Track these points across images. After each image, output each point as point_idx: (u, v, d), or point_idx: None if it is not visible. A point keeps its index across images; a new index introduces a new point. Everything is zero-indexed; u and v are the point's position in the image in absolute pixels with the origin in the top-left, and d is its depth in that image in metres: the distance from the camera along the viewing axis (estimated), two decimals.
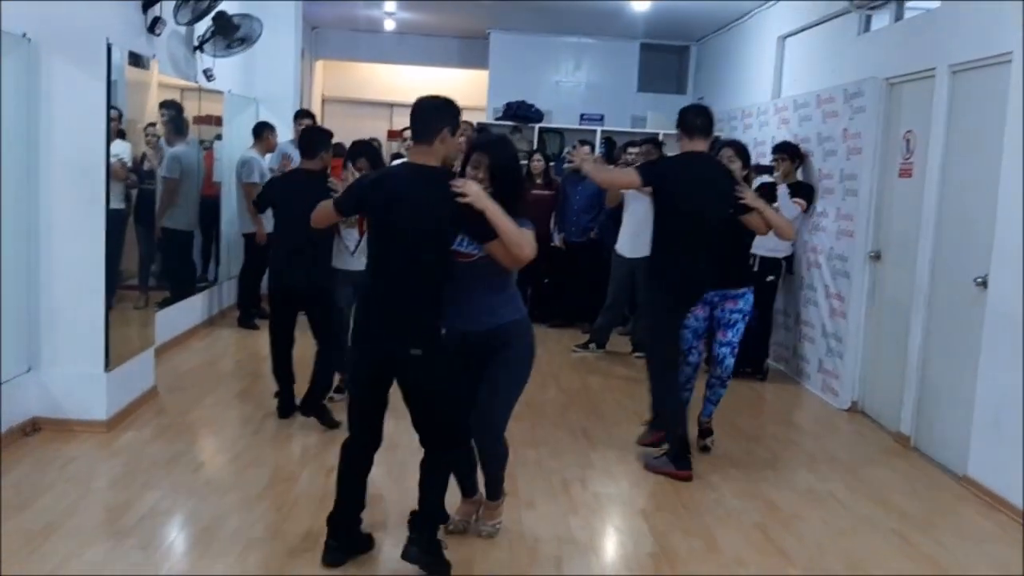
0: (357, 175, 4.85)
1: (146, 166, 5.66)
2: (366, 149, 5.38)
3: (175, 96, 6.87)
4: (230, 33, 7.26)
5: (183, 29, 6.71)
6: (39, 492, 4.10)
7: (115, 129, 5.05)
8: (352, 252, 5.43)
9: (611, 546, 4.03)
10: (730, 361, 5.05)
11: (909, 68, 5.85)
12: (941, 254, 5.39)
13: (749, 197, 4.73)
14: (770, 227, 4.79)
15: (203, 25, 6.97)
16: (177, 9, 6.06)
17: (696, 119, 4.75)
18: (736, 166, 5.03)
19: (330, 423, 5.31)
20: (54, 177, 4.84)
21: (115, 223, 5.08)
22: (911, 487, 4.90)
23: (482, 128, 9.20)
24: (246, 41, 7.44)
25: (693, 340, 5.02)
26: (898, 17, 6.34)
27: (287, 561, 3.62)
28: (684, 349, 4.97)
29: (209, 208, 8.03)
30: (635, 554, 3.88)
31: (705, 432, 5.25)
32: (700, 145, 4.77)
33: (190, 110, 7.34)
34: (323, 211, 3.70)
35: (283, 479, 4.48)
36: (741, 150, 5.22)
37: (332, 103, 13.17)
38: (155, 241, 5.97)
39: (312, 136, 5.42)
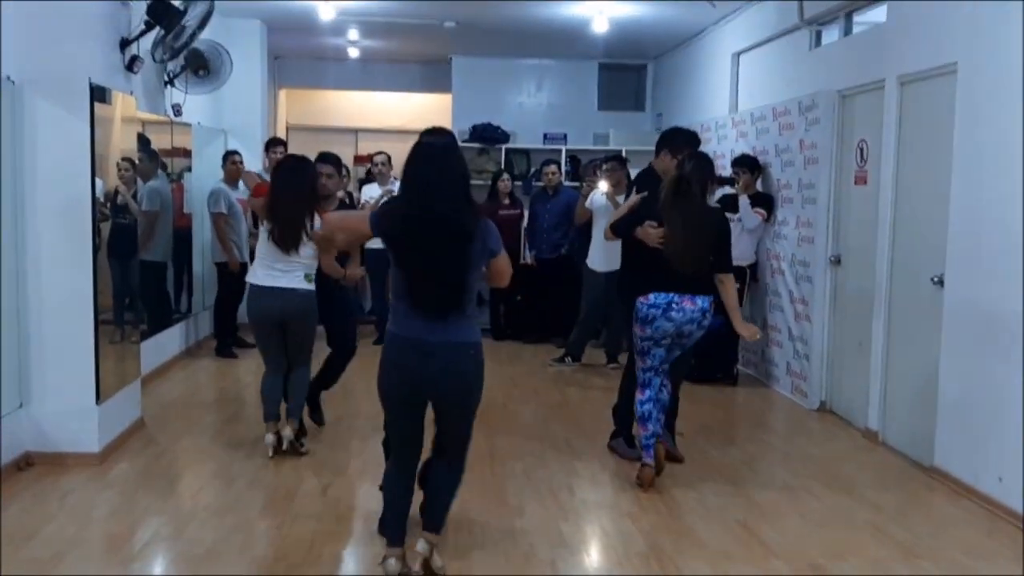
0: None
1: (119, 200, 5.74)
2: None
3: (144, 130, 6.96)
4: (200, 65, 7.39)
5: (155, 64, 6.82)
6: (42, 523, 4.17)
7: None
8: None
9: (602, 548, 4.20)
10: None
11: (860, 80, 6.14)
12: (898, 255, 5.65)
13: None
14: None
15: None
16: (155, 47, 6.18)
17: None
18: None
19: (318, 421, 5.65)
20: (41, 215, 4.93)
21: None
22: (882, 479, 5.13)
23: None
24: (215, 73, 7.57)
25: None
26: (847, 32, 6.64)
27: None
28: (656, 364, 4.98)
29: (181, 239, 8.12)
30: (626, 554, 4.05)
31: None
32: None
33: (160, 143, 7.43)
34: (354, 221, 3.80)
35: (280, 498, 4.59)
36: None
37: (297, 131, 13.26)
38: (136, 275, 6.03)
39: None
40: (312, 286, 5.19)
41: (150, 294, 7.20)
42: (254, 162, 8.78)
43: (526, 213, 9.12)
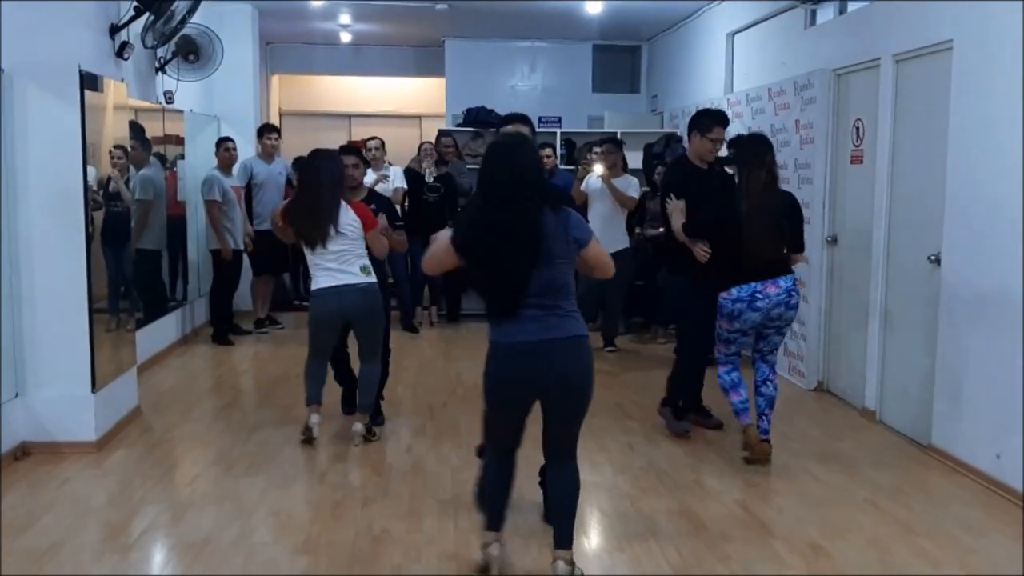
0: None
1: (111, 188, 5.71)
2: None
3: (135, 117, 6.91)
4: (191, 51, 7.34)
5: (145, 51, 6.77)
6: (39, 513, 4.17)
7: None
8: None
9: (601, 529, 4.20)
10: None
11: (855, 59, 6.11)
12: (894, 235, 5.64)
13: None
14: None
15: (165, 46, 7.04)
16: (145, 33, 6.13)
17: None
18: None
19: (379, 423, 5.54)
20: (33, 204, 4.91)
21: None
22: (879, 458, 5.13)
23: (446, 134, 9.34)
24: (207, 59, 7.52)
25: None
26: (842, 10, 6.60)
27: (291, 564, 3.73)
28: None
29: (175, 227, 8.08)
30: (625, 535, 4.06)
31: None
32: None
33: (153, 130, 7.39)
34: (442, 254, 3.43)
35: (277, 486, 4.59)
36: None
37: (290, 117, 13.22)
38: (130, 263, 6.01)
39: None
40: (372, 277, 5.10)
41: (145, 282, 7.17)
42: (247, 149, 8.73)
43: None
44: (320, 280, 5.04)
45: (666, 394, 5.65)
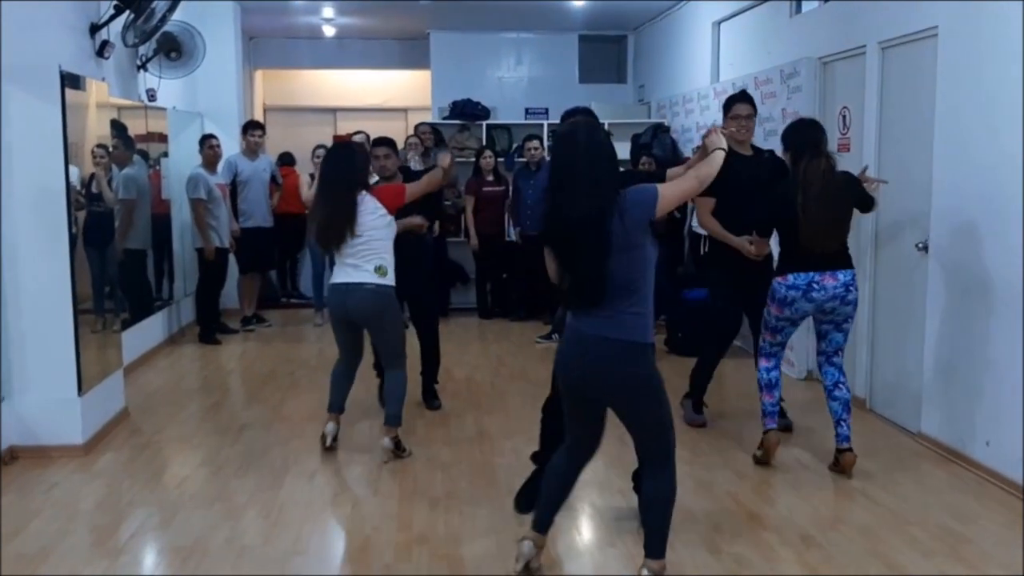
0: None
1: (94, 188, 5.66)
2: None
3: (118, 116, 6.85)
4: (173, 48, 7.28)
5: (126, 49, 6.70)
6: (28, 518, 4.13)
7: None
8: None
9: (593, 524, 4.19)
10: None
11: (841, 47, 6.09)
12: (883, 222, 5.64)
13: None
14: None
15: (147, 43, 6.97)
16: (125, 31, 6.07)
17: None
18: None
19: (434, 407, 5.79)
20: (15, 204, 4.85)
21: None
22: (870, 446, 5.13)
23: (435, 130, 9.29)
24: (189, 56, 7.46)
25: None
26: None
27: (282, 565, 3.71)
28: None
29: (160, 226, 8.03)
30: (617, 529, 4.05)
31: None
32: None
33: (135, 128, 7.33)
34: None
35: (267, 487, 4.56)
36: None
37: (274, 112, 13.13)
38: (116, 263, 5.96)
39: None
40: (386, 279, 4.83)
41: (130, 282, 7.12)
42: (232, 145, 8.67)
43: (510, 190, 9.06)
44: (335, 275, 4.93)
45: (689, 388, 5.63)
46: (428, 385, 6.03)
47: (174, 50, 7.41)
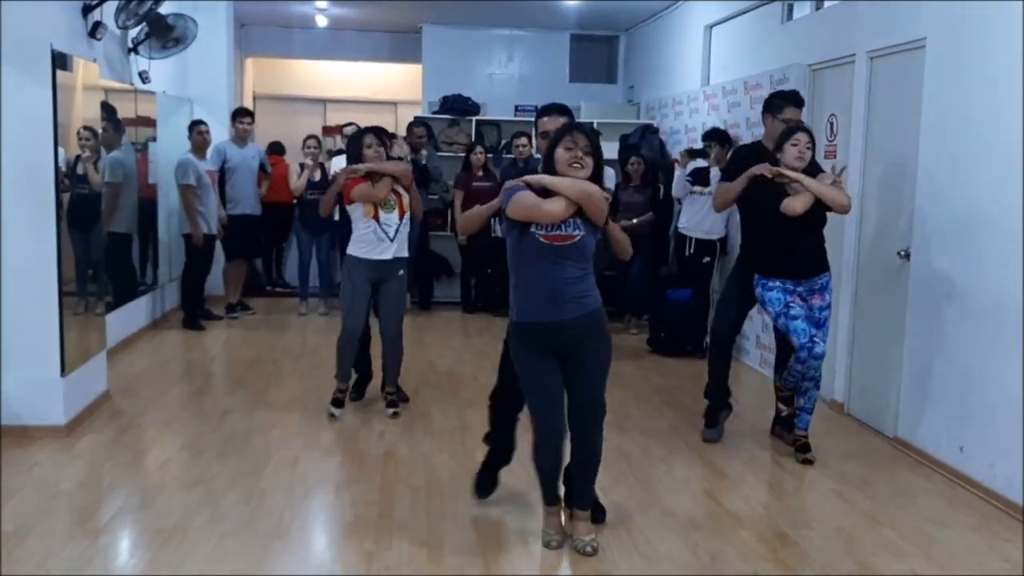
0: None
1: (80, 170, 5.64)
2: (373, 127, 5.68)
3: (107, 98, 6.83)
4: (165, 34, 7.25)
5: (118, 31, 6.68)
6: (7, 497, 4.12)
7: None
8: (391, 239, 5.46)
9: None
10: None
11: (830, 55, 6.15)
12: (865, 229, 5.71)
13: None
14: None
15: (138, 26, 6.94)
16: (118, 13, 6.05)
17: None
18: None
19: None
20: (2, 184, 4.83)
21: None
22: (847, 450, 5.20)
23: (422, 122, 9.30)
24: (181, 41, 7.44)
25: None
26: (818, 7, 6.64)
27: (262, 549, 3.72)
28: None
29: (146, 210, 8.00)
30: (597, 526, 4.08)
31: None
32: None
33: (124, 112, 7.30)
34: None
35: (249, 472, 4.57)
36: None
37: (264, 100, 13.09)
38: (102, 246, 5.94)
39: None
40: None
41: (115, 266, 7.10)
42: (220, 132, 8.66)
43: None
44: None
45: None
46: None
47: (171, 40, 7.36)
